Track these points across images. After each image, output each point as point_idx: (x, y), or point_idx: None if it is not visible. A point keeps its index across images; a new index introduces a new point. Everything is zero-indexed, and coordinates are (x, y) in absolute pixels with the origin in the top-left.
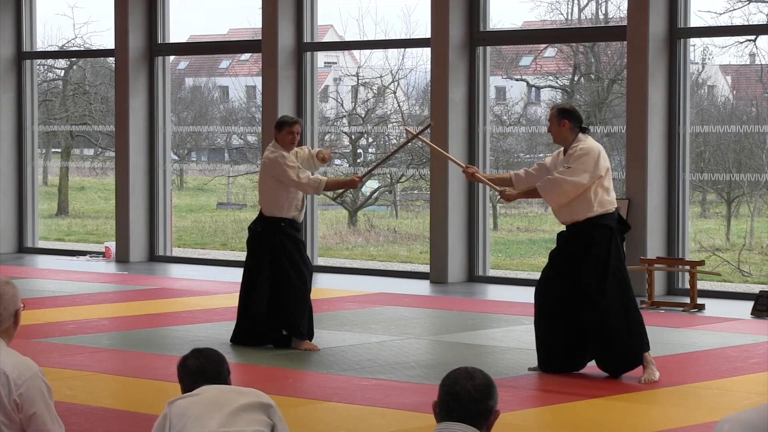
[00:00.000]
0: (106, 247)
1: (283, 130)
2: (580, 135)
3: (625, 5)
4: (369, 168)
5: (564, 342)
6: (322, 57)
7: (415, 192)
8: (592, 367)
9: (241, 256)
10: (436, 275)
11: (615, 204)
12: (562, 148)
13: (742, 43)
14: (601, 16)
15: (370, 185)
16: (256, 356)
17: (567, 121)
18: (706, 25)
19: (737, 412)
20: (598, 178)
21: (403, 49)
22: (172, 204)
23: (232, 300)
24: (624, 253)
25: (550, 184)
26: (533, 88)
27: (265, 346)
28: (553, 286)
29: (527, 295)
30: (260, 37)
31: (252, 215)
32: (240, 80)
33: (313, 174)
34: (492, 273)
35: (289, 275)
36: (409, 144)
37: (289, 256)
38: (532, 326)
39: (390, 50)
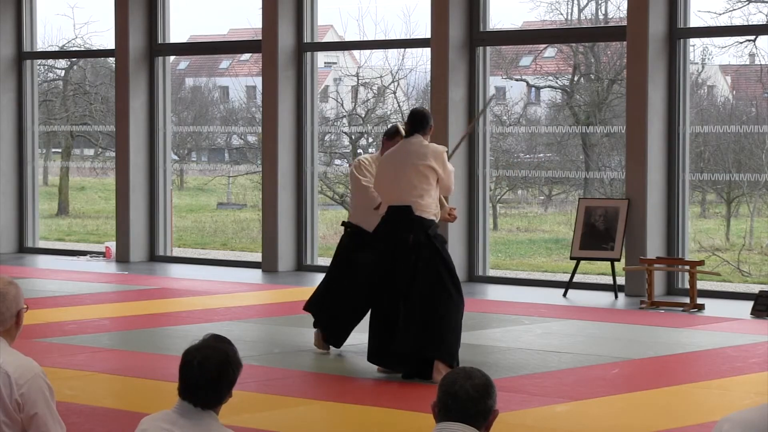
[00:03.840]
0: (107, 247)
1: (395, 139)
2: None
3: (624, 5)
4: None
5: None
6: (322, 57)
7: None
8: (590, 367)
9: (241, 255)
10: None
11: (381, 212)
12: None
13: (741, 43)
14: (601, 16)
15: None
16: (254, 357)
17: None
18: (706, 25)
19: (737, 412)
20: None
21: (403, 50)
22: (172, 204)
23: (232, 300)
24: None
25: None
26: (533, 89)
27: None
28: None
29: (527, 295)
30: (260, 37)
31: (252, 215)
32: (240, 80)
33: None
34: (492, 273)
35: (340, 280)
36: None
37: (346, 259)
38: (532, 326)
39: (390, 50)
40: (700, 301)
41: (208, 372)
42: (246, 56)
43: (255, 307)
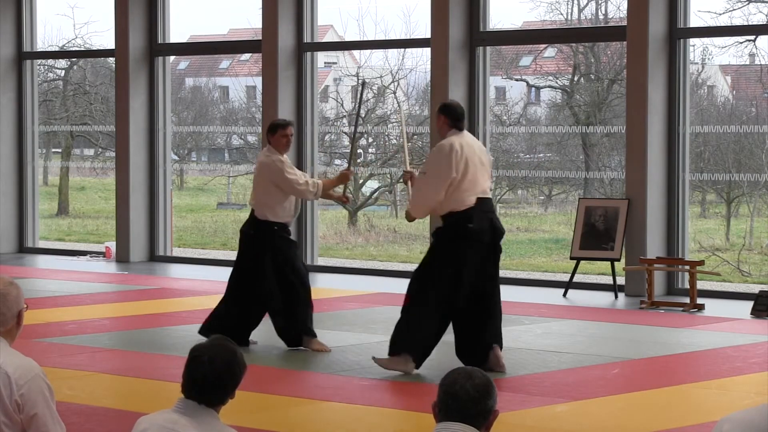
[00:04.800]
0: (107, 247)
1: (277, 133)
2: (451, 131)
3: (625, 5)
4: (348, 156)
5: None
6: (322, 57)
7: None
8: (590, 367)
9: None
10: None
11: (465, 203)
12: None
13: (741, 43)
14: (601, 16)
15: (370, 185)
16: (255, 357)
17: (443, 116)
18: (706, 25)
19: (737, 412)
20: (454, 178)
21: (403, 49)
22: (172, 204)
23: None
24: (457, 256)
25: (412, 197)
26: (533, 88)
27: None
28: None
29: (527, 295)
30: (260, 37)
31: None
32: (240, 80)
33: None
34: None
35: (291, 279)
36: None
37: (286, 259)
38: (532, 326)
39: (390, 50)
40: (700, 301)
41: (217, 368)
42: (246, 56)
43: None
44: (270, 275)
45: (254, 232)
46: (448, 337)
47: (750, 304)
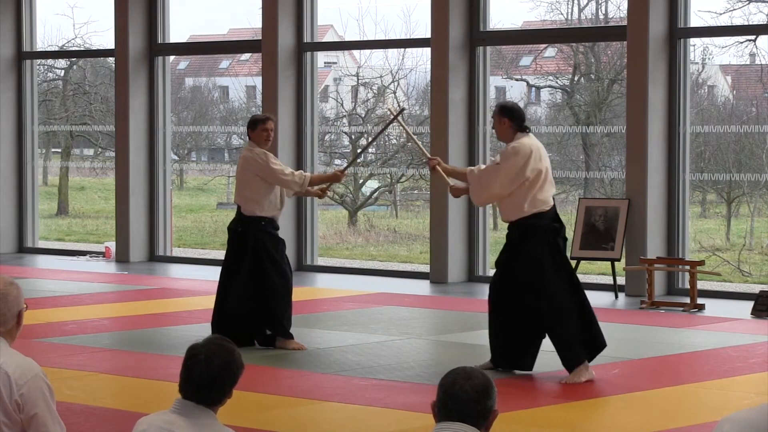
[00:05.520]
0: (106, 247)
1: (258, 128)
2: (519, 134)
3: (625, 5)
4: (350, 160)
5: (516, 340)
6: (322, 57)
7: (415, 192)
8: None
9: None
10: (436, 275)
11: (549, 203)
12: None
13: (742, 43)
14: (601, 16)
15: (370, 185)
16: (255, 357)
17: (507, 119)
18: (706, 25)
19: (737, 412)
20: (526, 180)
21: (403, 49)
22: (172, 204)
23: None
24: (562, 253)
25: (476, 183)
26: (533, 88)
27: (245, 346)
28: (499, 288)
29: None
30: (260, 37)
31: None
32: (240, 80)
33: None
34: (492, 273)
35: (271, 275)
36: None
37: (270, 256)
38: None
39: (390, 50)
40: (700, 301)
41: (214, 367)
42: (246, 56)
43: None
44: (244, 272)
45: (242, 229)
46: (450, 337)
47: (750, 304)
